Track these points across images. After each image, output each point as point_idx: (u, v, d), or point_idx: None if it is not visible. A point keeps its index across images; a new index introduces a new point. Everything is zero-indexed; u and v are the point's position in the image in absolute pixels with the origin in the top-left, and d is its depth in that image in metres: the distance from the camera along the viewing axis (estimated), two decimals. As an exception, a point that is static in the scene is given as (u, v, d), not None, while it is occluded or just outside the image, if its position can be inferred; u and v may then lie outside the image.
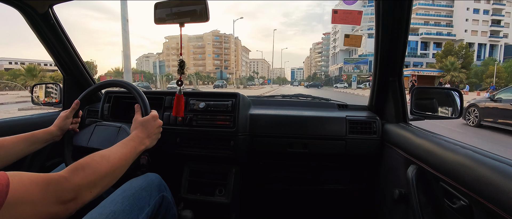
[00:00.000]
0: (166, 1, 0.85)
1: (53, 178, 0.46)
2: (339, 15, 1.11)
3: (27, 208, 0.40)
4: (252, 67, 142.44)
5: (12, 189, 0.38)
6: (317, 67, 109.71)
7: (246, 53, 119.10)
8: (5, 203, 0.37)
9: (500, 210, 0.47)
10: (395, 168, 0.97)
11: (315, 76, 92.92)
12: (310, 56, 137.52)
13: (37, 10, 1.09)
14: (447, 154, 0.66)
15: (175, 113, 1.00)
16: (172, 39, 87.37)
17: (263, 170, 1.36)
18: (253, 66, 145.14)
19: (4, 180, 0.38)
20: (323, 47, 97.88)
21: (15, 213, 0.38)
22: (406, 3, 0.88)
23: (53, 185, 0.45)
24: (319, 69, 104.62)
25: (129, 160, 0.64)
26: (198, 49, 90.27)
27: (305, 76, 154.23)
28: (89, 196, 0.51)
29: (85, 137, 0.88)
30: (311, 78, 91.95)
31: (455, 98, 1.01)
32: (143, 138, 0.72)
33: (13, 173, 0.41)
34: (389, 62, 1.04)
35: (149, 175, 0.82)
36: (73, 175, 0.49)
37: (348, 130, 1.15)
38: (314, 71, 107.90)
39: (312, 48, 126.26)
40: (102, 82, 0.95)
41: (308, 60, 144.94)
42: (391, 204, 1.00)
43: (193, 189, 1.20)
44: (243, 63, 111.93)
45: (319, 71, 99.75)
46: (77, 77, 1.37)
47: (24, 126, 1.11)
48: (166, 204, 0.82)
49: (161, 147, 0.91)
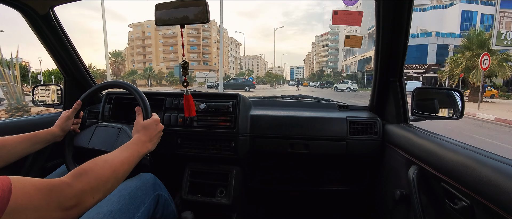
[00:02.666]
0: (167, 2, 0.85)
1: (56, 184, 0.45)
2: (339, 16, 1.11)
3: (29, 214, 0.40)
4: (246, 64, 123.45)
5: (14, 194, 0.38)
6: (321, 63, 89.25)
7: (236, 47, 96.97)
8: (6, 209, 0.36)
9: (501, 211, 0.47)
10: (396, 169, 0.97)
11: (322, 73, 71.51)
12: (312, 51, 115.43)
13: (38, 12, 1.09)
14: (448, 155, 0.66)
15: (187, 114, 1.02)
16: (136, 28, 68.99)
17: (264, 171, 1.36)
18: (247, 63, 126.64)
19: (6, 185, 0.38)
20: (331, 38, 79.11)
21: (17, 218, 0.38)
22: (406, 4, 0.88)
23: (56, 191, 0.45)
24: (323, 65, 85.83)
25: (131, 164, 0.64)
26: (168, 39, 67.57)
27: (306, 74, 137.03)
28: (91, 202, 0.51)
29: (85, 138, 0.88)
30: (318, 76, 70.88)
31: (456, 99, 1.01)
32: (145, 142, 0.72)
33: (16, 178, 0.40)
34: (389, 62, 1.04)
35: (143, 175, 0.82)
36: (75, 181, 0.49)
37: (349, 130, 1.15)
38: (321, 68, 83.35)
39: (315, 42, 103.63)
40: (103, 83, 0.95)
41: (310, 56, 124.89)
42: (392, 204, 1.00)
43: (193, 190, 1.20)
44: (232, 59, 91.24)
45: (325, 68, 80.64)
46: (78, 78, 1.37)
47: (25, 126, 1.11)
48: (163, 202, 0.83)
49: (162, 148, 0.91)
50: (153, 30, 66.66)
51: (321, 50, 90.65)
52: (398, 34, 0.95)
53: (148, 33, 68.58)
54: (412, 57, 29.97)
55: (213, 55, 70.88)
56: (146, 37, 69.11)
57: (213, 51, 70.70)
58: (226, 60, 78.99)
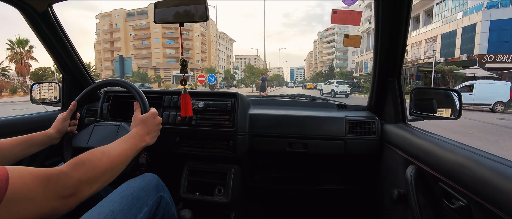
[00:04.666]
0: (166, 0, 0.85)
1: (53, 173, 0.46)
2: (338, 15, 1.11)
3: (27, 203, 0.40)
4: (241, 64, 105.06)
5: (11, 183, 0.38)
6: (325, 62, 75.09)
7: (228, 43, 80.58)
8: (4, 198, 0.37)
9: (498, 211, 0.47)
10: (394, 169, 0.97)
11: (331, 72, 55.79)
12: (314, 50, 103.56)
13: (36, 9, 1.08)
14: (446, 155, 0.66)
15: (183, 113, 1.01)
16: (103, 19, 55.85)
17: (262, 169, 1.36)
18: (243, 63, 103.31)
19: (3, 175, 0.38)
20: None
21: (15, 208, 0.38)
22: (405, 4, 0.88)
23: (54, 180, 0.45)
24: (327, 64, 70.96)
25: (129, 156, 0.65)
26: (140, 31, 53.23)
27: (307, 75, 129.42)
28: (89, 191, 0.51)
29: (84, 138, 0.88)
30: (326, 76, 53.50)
31: (454, 99, 1.01)
32: (143, 135, 0.72)
33: (13, 168, 0.41)
34: (388, 62, 1.05)
35: (147, 175, 0.82)
36: (73, 170, 0.49)
37: (348, 130, 1.15)
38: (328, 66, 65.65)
39: (318, 39, 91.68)
40: (101, 81, 0.95)
41: (311, 56, 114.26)
42: (390, 204, 1.00)
43: (192, 189, 1.20)
44: (223, 57, 75.79)
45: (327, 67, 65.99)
46: (76, 76, 1.37)
47: (22, 125, 1.10)
48: (164, 205, 0.82)
49: (160, 146, 0.91)
50: (122, 21, 53.73)
51: (325, 47, 78.05)
52: (397, 34, 0.95)
53: (116, 25, 54.89)
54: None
55: (195, 51, 55.37)
56: (114, 30, 55.20)
57: (196, 46, 55.59)
58: (214, 58, 65.42)
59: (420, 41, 24.23)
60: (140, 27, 53.29)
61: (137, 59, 52.13)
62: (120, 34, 54.44)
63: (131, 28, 54.09)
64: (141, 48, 53.52)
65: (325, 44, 78.82)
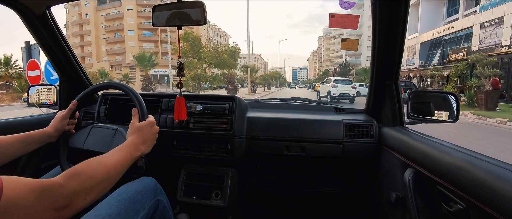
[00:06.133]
0: (165, 4, 0.86)
1: (48, 184, 0.45)
2: (336, 19, 1.12)
3: (20, 214, 0.40)
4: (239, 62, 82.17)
5: (6, 194, 0.38)
6: (332, 61, 66.86)
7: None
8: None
9: (496, 213, 0.47)
10: (392, 172, 0.97)
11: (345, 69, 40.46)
12: (319, 48, 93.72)
13: (34, 11, 1.08)
14: (443, 157, 0.66)
15: (176, 116, 1.01)
16: (72, 9, 47.12)
17: (260, 173, 1.36)
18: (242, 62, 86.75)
19: None
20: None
21: (8, 218, 0.38)
22: (403, 6, 0.89)
23: (48, 191, 0.45)
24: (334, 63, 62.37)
25: (125, 166, 0.64)
26: (112, 22, 44.25)
27: (310, 75, 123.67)
28: (83, 203, 0.51)
29: (81, 139, 0.87)
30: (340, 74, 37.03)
31: (451, 102, 1.02)
32: (138, 144, 0.72)
33: (8, 178, 0.40)
34: (386, 65, 1.05)
35: (144, 179, 0.81)
36: (68, 182, 0.49)
37: (345, 133, 1.15)
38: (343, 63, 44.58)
39: (323, 36, 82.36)
40: (100, 83, 0.94)
41: (315, 54, 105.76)
42: (388, 207, 1.00)
43: (189, 192, 1.19)
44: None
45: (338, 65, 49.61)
46: (74, 78, 1.36)
47: (19, 127, 1.09)
48: (162, 209, 0.82)
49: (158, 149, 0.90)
50: (93, 10, 45.17)
51: (332, 44, 69.43)
52: (395, 37, 0.96)
53: (86, 15, 46.52)
54: None
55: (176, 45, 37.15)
56: (84, 21, 46.69)
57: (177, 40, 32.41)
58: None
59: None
60: (112, 16, 44.00)
61: (110, 55, 44.72)
62: (90, 26, 46.25)
63: (103, 19, 45.19)
64: (114, 41, 44.29)
65: (331, 40, 70.59)
